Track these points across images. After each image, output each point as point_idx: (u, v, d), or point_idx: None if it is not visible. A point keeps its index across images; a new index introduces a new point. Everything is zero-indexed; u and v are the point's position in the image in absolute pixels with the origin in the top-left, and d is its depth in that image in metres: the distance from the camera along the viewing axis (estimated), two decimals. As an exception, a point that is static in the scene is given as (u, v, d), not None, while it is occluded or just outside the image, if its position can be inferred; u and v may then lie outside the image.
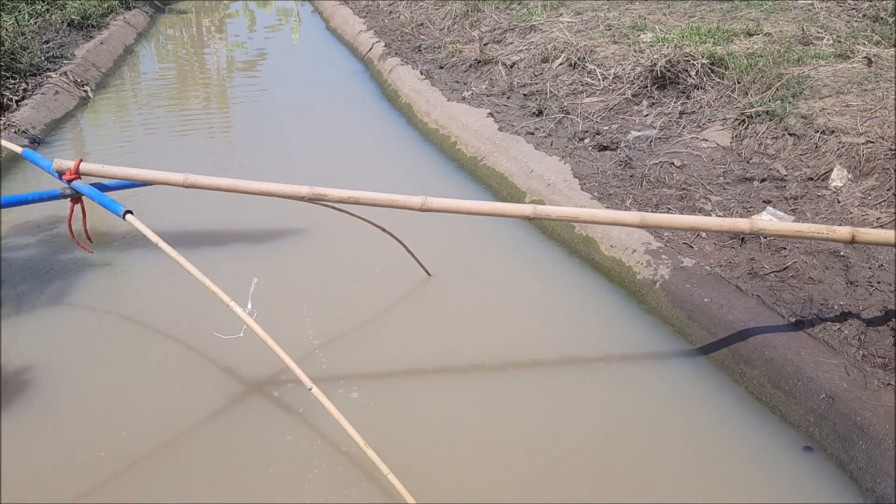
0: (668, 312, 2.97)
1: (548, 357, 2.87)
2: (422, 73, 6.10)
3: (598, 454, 2.37)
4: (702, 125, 4.33)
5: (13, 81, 5.71)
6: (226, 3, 12.07)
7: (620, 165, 4.02)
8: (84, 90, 6.23)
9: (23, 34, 6.55)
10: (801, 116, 3.95)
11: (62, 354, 2.84)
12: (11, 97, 5.42)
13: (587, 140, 4.41)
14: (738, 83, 4.48)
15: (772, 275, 2.94)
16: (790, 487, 2.20)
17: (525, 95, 5.29)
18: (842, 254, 3.00)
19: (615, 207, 3.58)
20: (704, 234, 3.26)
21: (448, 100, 5.41)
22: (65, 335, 2.98)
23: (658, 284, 3.07)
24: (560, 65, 5.52)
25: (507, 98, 5.30)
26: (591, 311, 3.14)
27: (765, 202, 3.50)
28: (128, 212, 2.58)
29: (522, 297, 3.27)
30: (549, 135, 4.55)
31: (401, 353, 2.91)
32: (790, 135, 3.90)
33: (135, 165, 2.76)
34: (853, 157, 3.58)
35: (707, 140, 4.17)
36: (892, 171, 3.41)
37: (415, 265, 3.32)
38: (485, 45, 6.32)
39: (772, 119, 4.04)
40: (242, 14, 11.49)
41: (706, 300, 2.87)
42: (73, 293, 3.23)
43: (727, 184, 3.72)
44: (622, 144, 4.29)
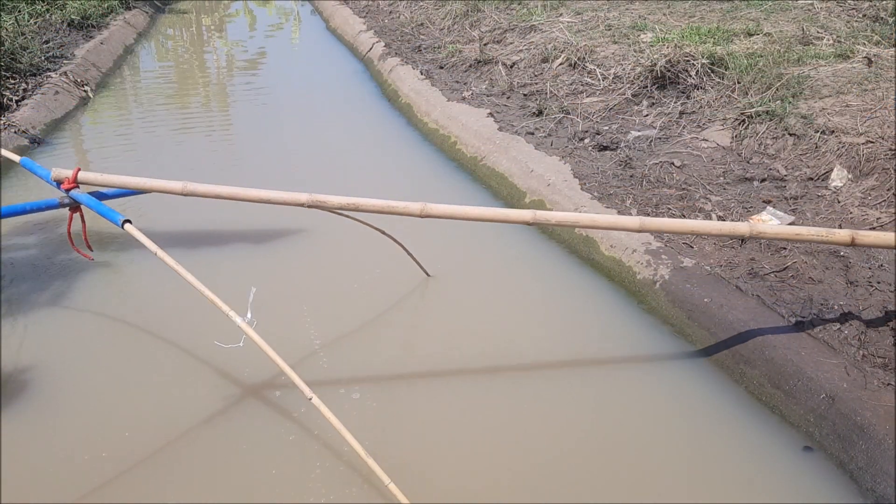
0: (668, 312, 2.97)
1: (548, 357, 2.87)
2: (422, 73, 6.10)
3: (599, 454, 2.37)
4: (702, 125, 4.33)
5: (13, 81, 5.71)
6: (226, 3, 12.07)
7: (620, 165, 4.01)
8: (84, 90, 6.23)
9: (23, 34, 6.55)
10: (801, 116, 3.95)
11: (62, 354, 2.84)
12: (11, 97, 5.42)
13: (587, 140, 4.41)
14: (738, 83, 4.49)
15: (772, 275, 2.94)
16: (790, 487, 2.21)
17: (525, 95, 5.29)
18: (842, 254, 3.00)
19: (615, 207, 3.59)
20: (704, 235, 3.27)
21: (448, 100, 5.41)
22: (65, 335, 2.98)
23: (658, 284, 3.07)
24: (560, 65, 5.52)
25: (507, 98, 5.30)
26: (591, 312, 3.14)
27: (765, 202, 3.50)
28: (126, 221, 2.58)
29: (522, 298, 3.27)
30: (549, 135, 4.55)
31: (401, 354, 2.90)
32: (790, 135, 3.90)
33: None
34: (853, 157, 3.58)
35: (707, 140, 4.17)
36: (892, 171, 3.41)
37: (414, 265, 3.32)
38: (485, 45, 6.32)
39: (772, 119, 4.04)
40: (242, 14, 11.49)
41: (706, 300, 2.87)
42: (73, 293, 3.23)
43: (727, 184, 3.72)
44: (622, 144, 4.29)
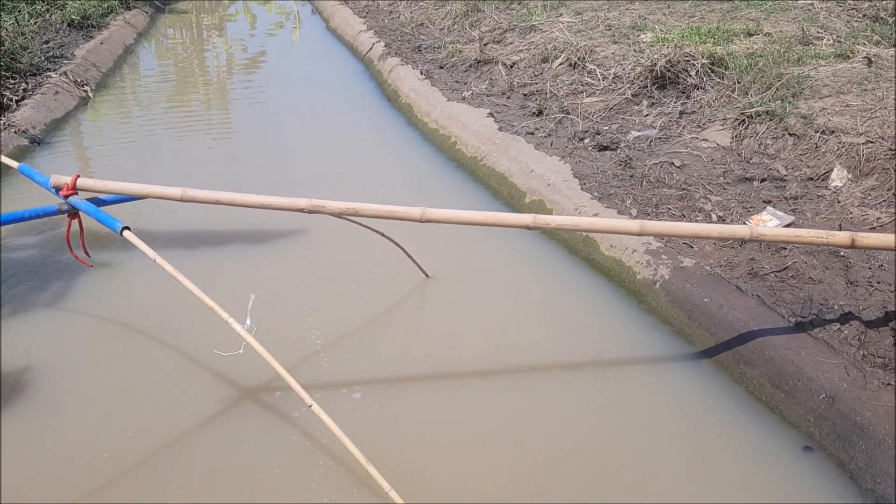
0: (668, 312, 2.97)
1: (548, 357, 2.86)
2: (422, 73, 6.10)
3: (599, 454, 2.37)
4: (702, 125, 4.33)
5: (13, 81, 5.71)
6: (226, 3, 12.07)
7: (620, 165, 4.01)
8: (84, 90, 6.23)
9: (23, 34, 6.55)
10: (801, 116, 3.95)
11: (62, 355, 2.84)
12: (11, 97, 5.42)
13: (587, 140, 4.41)
14: (738, 83, 4.48)
15: (772, 275, 2.94)
16: (790, 487, 2.21)
17: (525, 95, 5.29)
18: (842, 254, 3.00)
19: (615, 207, 3.59)
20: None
21: (448, 100, 5.41)
22: (65, 335, 2.97)
23: (658, 284, 3.07)
24: (560, 65, 5.52)
25: (507, 98, 5.30)
26: (591, 312, 3.14)
27: (765, 202, 3.50)
28: (125, 228, 2.57)
29: (522, 298, 3.27)
30: (549, 135, 4.55)
31: (401, 354, 2.90)
32: (790, 135, 3.90)
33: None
34: (853, 157, 3.58)
35: (707, 140, 4.17)
36: (892, 171, 3.41)
37: (414, 266, 3.32)
38: (485, 45, 6.31)
39: (772, 119, 4.04)
40: (242, 14, 11.49)
41: (706, 300, 2.87)
42: (73, 293, 3.23)
43: (727, 184, 3.72)
44: (622, 144, 4.29)
